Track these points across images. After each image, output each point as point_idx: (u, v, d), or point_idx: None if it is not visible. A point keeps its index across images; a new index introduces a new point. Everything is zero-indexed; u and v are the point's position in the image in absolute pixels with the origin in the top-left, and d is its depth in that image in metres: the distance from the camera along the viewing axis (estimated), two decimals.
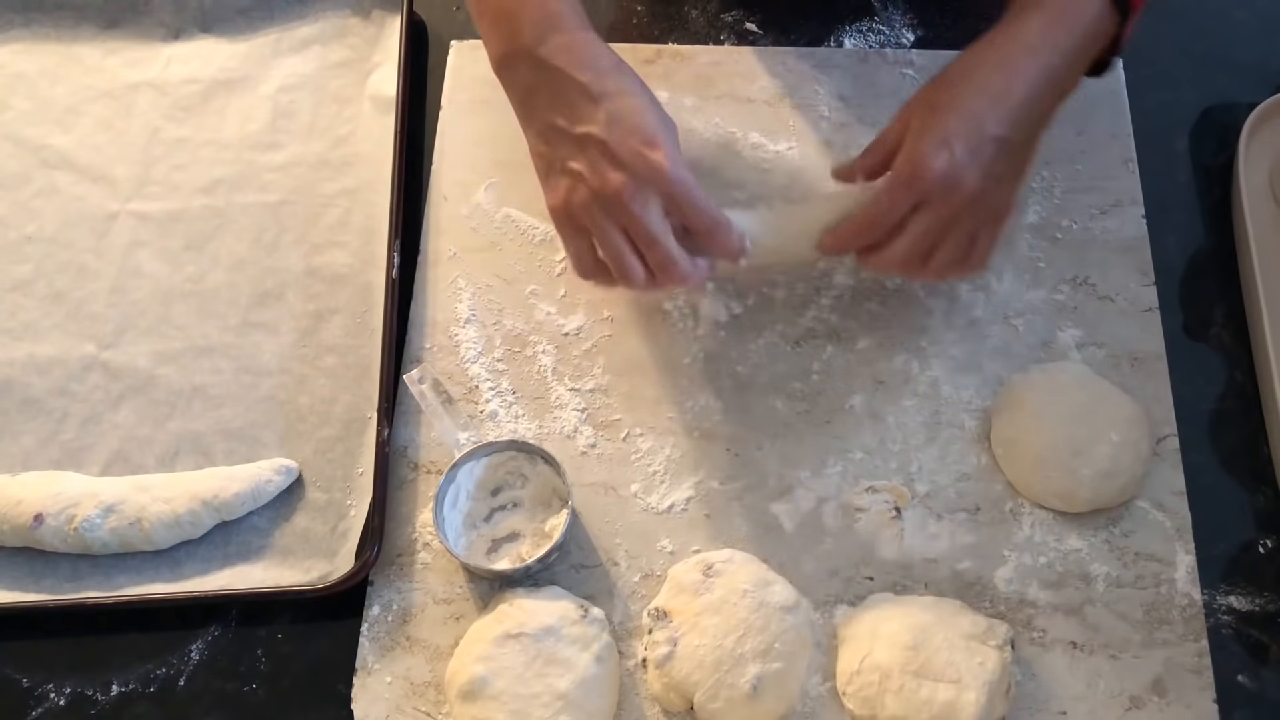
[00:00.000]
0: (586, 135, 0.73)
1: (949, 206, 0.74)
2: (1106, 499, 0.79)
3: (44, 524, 0.78)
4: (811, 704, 0.75)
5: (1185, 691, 0.75)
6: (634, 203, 0.72)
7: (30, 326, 0.88)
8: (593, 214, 0.74)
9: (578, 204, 0.74)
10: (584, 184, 0.73)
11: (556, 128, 0.74)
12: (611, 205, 0.73)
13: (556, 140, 0.75)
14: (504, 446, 0.81)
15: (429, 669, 0.77)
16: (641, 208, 0.72)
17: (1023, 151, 0.77)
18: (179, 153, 0.94)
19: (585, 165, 0.73)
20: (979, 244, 0.78)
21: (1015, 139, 0.75)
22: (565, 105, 0.74)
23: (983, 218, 0.77)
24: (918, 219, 0.75)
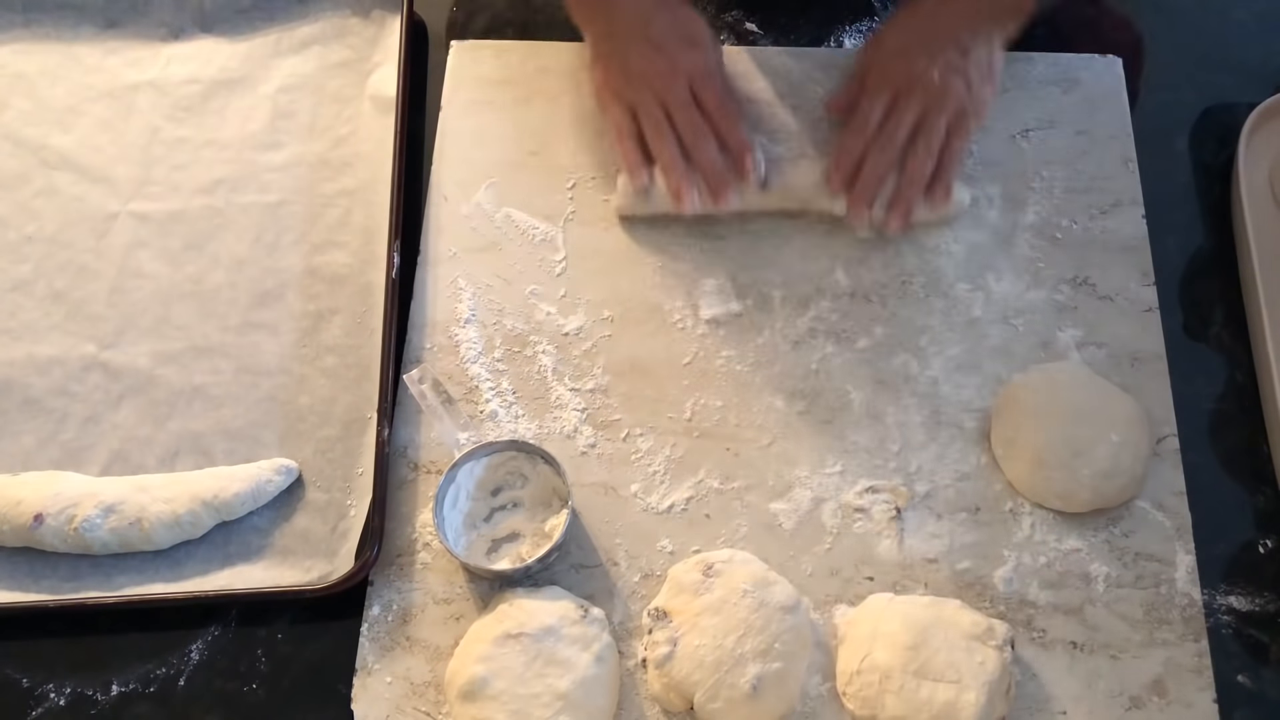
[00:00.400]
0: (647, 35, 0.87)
1: (917, 97, 0.85)
2: (1106, 499, 0.79)
3: (44, 524, 0.78)
4: (811, 704, 0.75)
5: (1185, 691, 0.75)
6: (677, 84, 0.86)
7: (30, 326, 0.88)
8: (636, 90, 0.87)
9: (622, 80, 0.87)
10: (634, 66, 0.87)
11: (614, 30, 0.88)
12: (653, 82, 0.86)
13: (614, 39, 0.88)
14: (504, 446, 0.81)
15: (429, 669, 0.77)
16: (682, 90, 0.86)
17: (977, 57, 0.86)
18: (179, 153, 0.94)
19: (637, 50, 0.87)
20: (952, 143, 0.85)
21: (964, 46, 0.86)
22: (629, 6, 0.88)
23: (951, 111, 0.85)
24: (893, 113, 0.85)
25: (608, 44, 0.89)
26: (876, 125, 0.86)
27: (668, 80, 0.86)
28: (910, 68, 0.85)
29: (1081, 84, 0.95)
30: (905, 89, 0.85)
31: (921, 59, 0.85)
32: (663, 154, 0.86)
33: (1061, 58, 0.96)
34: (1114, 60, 0.96)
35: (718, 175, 0.86)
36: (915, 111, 0.85)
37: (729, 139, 0.86)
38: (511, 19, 1.01)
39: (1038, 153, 0.92)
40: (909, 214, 0.85)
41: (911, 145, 0.85)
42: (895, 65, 0.86)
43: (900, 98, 0.85)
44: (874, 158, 0.85)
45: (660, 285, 0.88)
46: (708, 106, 0.86)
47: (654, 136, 0.86)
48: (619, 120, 0.88)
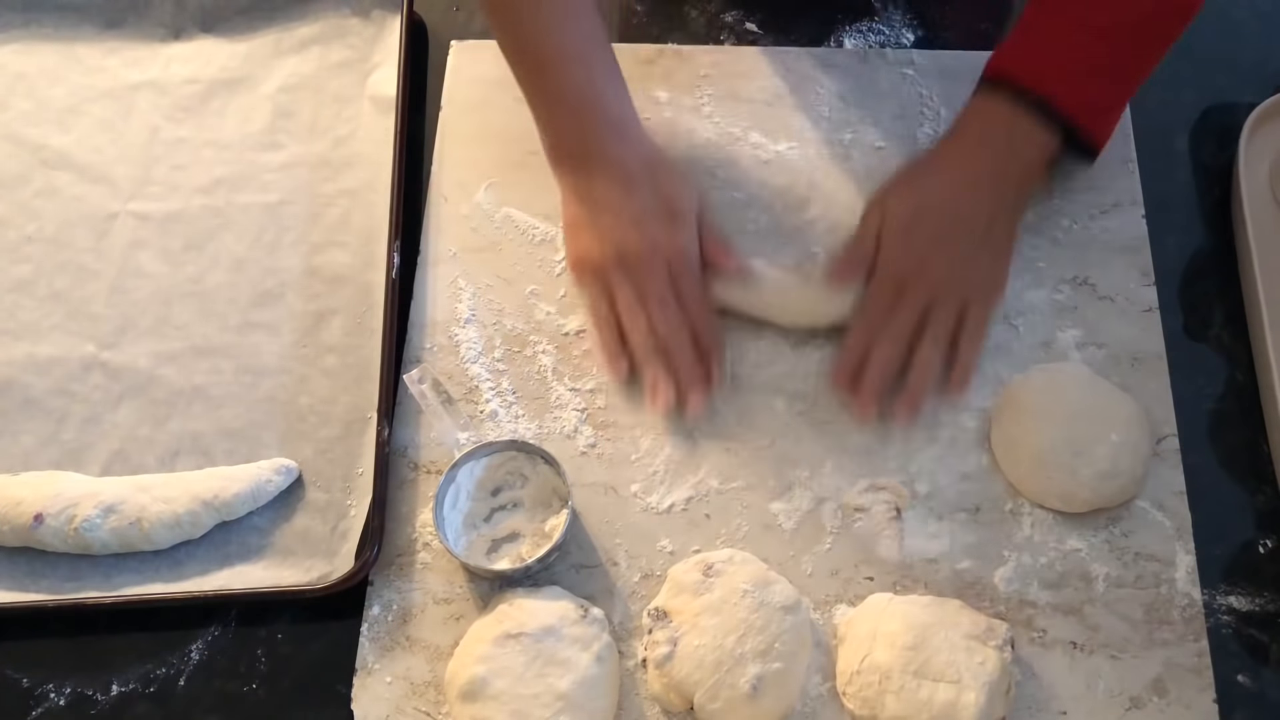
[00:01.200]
0: (626, 208, 0.83)
1: (924, 288, 0.81)
2: (1106, 499, 0.79)
3: (44, 524, 0.78)
4: (811, 704, 0.75)
5: (1185, 691, 0.75)
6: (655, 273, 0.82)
7: (30, 326, 0.88)
8: (612, 271, 0.83)
9: (600, 258, 0.83)
10: (611, 245, 0.83)
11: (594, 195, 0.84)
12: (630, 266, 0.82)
13: (593, 203, 0.84)
14: (504, 446, 0.81)
15: (429, 669, 0.77)
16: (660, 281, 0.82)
17: (990, 232, 0.83)
18: (179, 153, 0.94)
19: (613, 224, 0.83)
20: (968, 321, 0.82)
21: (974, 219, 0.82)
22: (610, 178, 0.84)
23: (967, 294, 0.82)
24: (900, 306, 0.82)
25: (584, 209, 0.85)
26: (881, 317, 0.82)
27: (647, 267, 0.82)
28: (918, 249, 0.82)
29: None
30: (913, 278, 0.81)
31: (929, 239, 0.82)
32: (639, 351, 0.83)
33: None
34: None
35: (691, 380, 0.82)
36: (923, 302, 0.81)
37: (703, 339, 0.83)
38: None
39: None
40: (917, 407, 0.81)
41: (919, 338, 0.81)
42: (901, 247, 0.82)
43: (908, 289, 0.81)
44: (879, 353, 0.81)
45: None
46: (684, 299, 0.82)
47: (631, 331, 0.83)
48: (594, 305, 0.85)
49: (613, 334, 0.84)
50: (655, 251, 0.82)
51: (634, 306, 0.82)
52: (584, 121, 0.85)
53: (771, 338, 0.86)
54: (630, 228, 0.83)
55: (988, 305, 0.84)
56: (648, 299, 0.82)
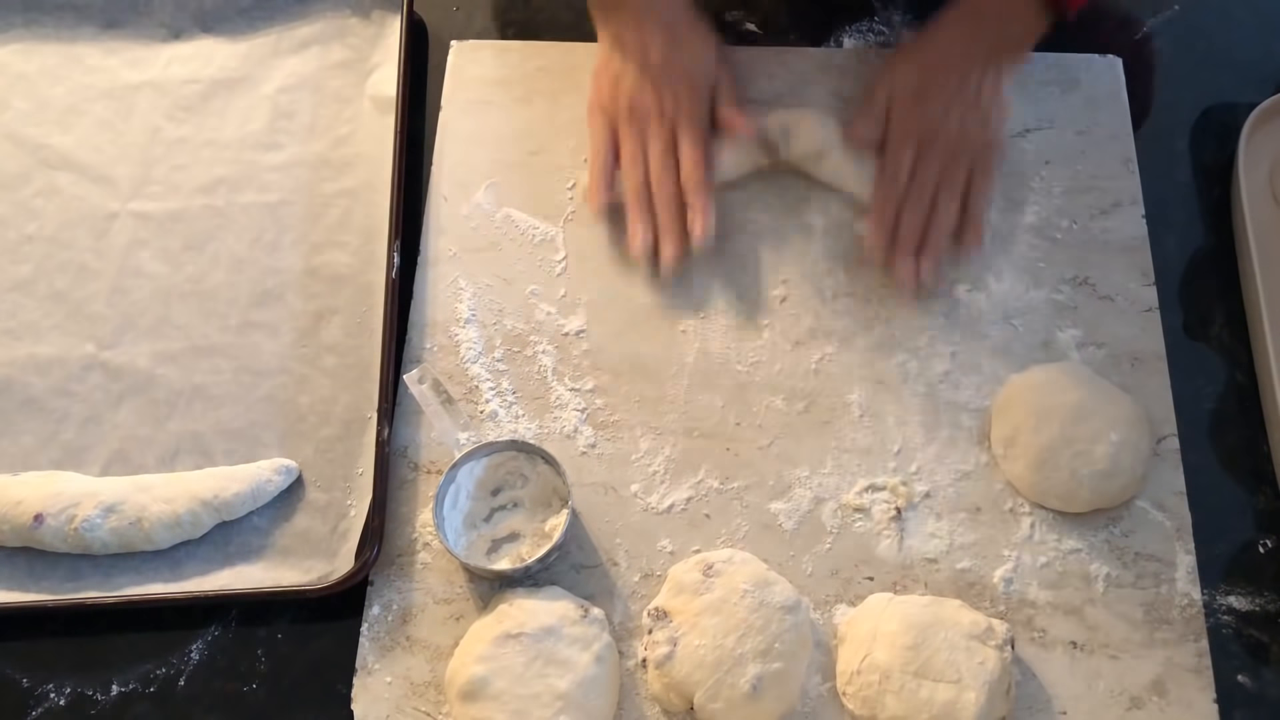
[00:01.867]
0: (647, 62, 0.88)
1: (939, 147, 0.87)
2: (1106, 499, 0.79)
3: (44, 524, 0.78)
4: (811, 704, 0.75)
5: (1185, 691, 0.75)
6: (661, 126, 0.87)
7: (30, 326, 0.88)
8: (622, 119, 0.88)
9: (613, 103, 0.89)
10: (626, 95, 0.88)
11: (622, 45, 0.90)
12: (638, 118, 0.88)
13: (622, 51, 0.89)
14: (504, 446, 0.81)
15: (429, 669, 0.77)
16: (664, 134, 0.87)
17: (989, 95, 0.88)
18: (179, 153, 0.94)
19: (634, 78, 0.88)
20: (977, 177, 0.87)
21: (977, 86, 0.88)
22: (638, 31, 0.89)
23: (972, 155, 0.87)
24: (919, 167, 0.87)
25: (612, 56, 0.90)
26: (902, 179, 0.87)
27: (654, 119, 0.87)
28: (929, 115, 0.87)
29: (1081, 84, 0.95)
30: (927, 139, 0.87)
31: (938, 103, 0.87)
32: (629, 190, 0.88)
33: (1061, 58, 0.96)
34: (1114, 60, 0.96)
35: (671, 228, 0.86)
36: (940, 161, 0.87)
37: (692, 197, 0.86)
38: (511, 19, 1.01)
39: (1038, 153, 0.92)
40: (939, 261, 0.86)
41: (936, 195, 0.86)
42: (913, 113, 0.87)
43: (923, 148, 0.87)
44: (908, 215, 0.86)
45: (660, 285, 0.88)
46: (683, 157, 0.87)
47: (626, 171, 0.88)
48: (598, 143, 0.89)
49: (605, 173, 0.88)
50: (664, 111, 0.87)
51: (635, 156, 0.88)
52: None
53: (771, 337, 0.87)
54: (648, 83, 0.88)
55: (992, 162, 0.88)
56: (650, 153, 0.87)
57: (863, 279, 0.88)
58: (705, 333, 0.87)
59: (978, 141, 0.88)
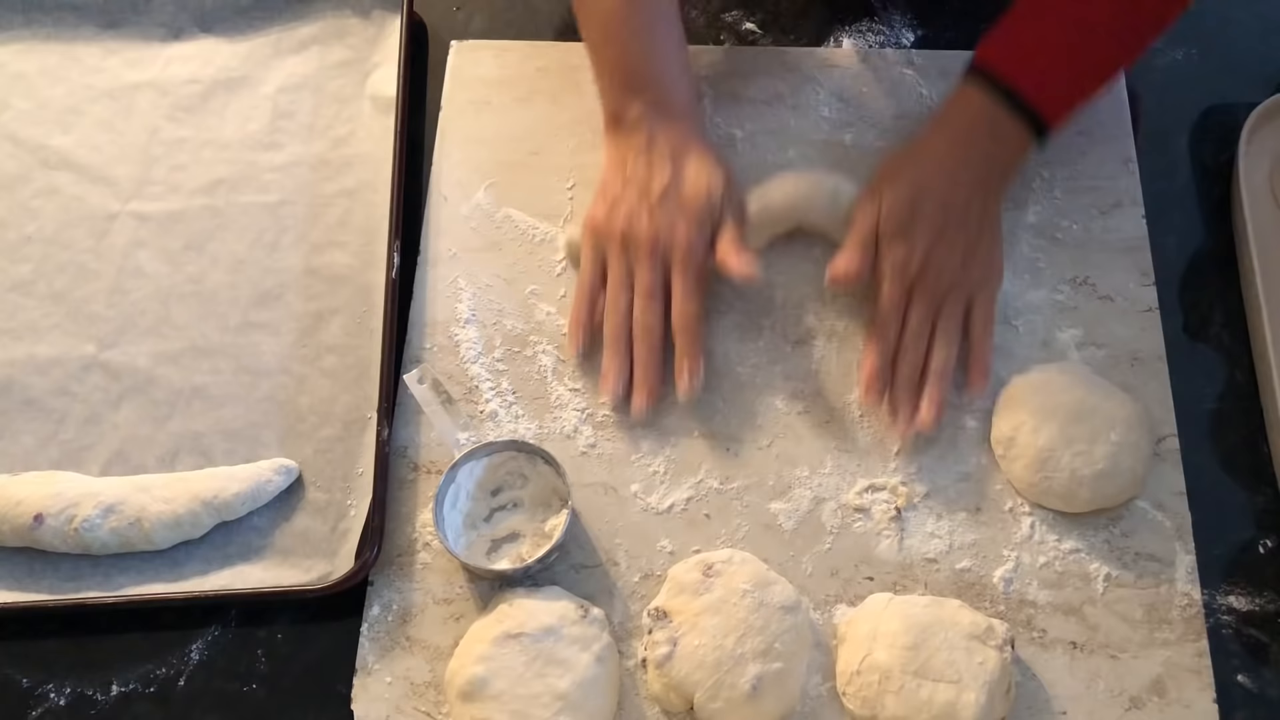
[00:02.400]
0: (649, 183, 0.84)
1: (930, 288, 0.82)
2: (1106, 499, 0.79)
3: (44, 524, 0.78)
4: (811, 704, 0.75)
5: (1185, 691, 0.75)
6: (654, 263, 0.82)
7: (30, 326, 0.88)
8: (613, 245, 0.84)
9: (607, 228, 0.84)
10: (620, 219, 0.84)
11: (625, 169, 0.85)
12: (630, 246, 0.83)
13: (623, 176, 0.85)
14: (504, 446, 0.81)
15: (429, 669, 0.77)
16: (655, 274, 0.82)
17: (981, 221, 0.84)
18: (179, 153, 0.94)
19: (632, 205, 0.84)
20: (976, 313, 0.84)
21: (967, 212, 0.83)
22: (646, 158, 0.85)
23: (970, 286, 0.83)
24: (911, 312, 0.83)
25: (614, 178, 0.86)
26: (895, 326, 0.83)
27: (646, 252, 0.82)
28: (918, 250, 0.82)
29: None
30: (919, 276, 0.82)
31: (928, 237, 0.82)
32: (608, 326, 0.84)
33: None
34: None
35: (646, 376, 0.82)
36: (934, 299, 0.82)
37: (682, 345, 0.82)
38: (511, 19, 1.01)
39: (1038, 153, 0.92)
40: (941, 407, 0.81)
41: (933, 337, 0.82)
42: (902, 249, 0.82)
43: (916, 286, 0.82)
44: (904, 364, 0.82)
45: None
46: (676, 294, 0.82)
47: (609, 310, 0.83)
48: (586, 271, 0.85)
49: (588, 306, 0.85)
50: (658, 239, 0.82)
51: (620, 287, 0.83)
52: (634, 98, 0.86)
53: (771, 337, 0.87)
54: (643, 209, 0.83)
55: (992, 295, 0.85)
56: (636, 286, 0.83)
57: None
58: (705, 333, 0.86)
59: (974, 273, 0.84)
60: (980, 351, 0.83)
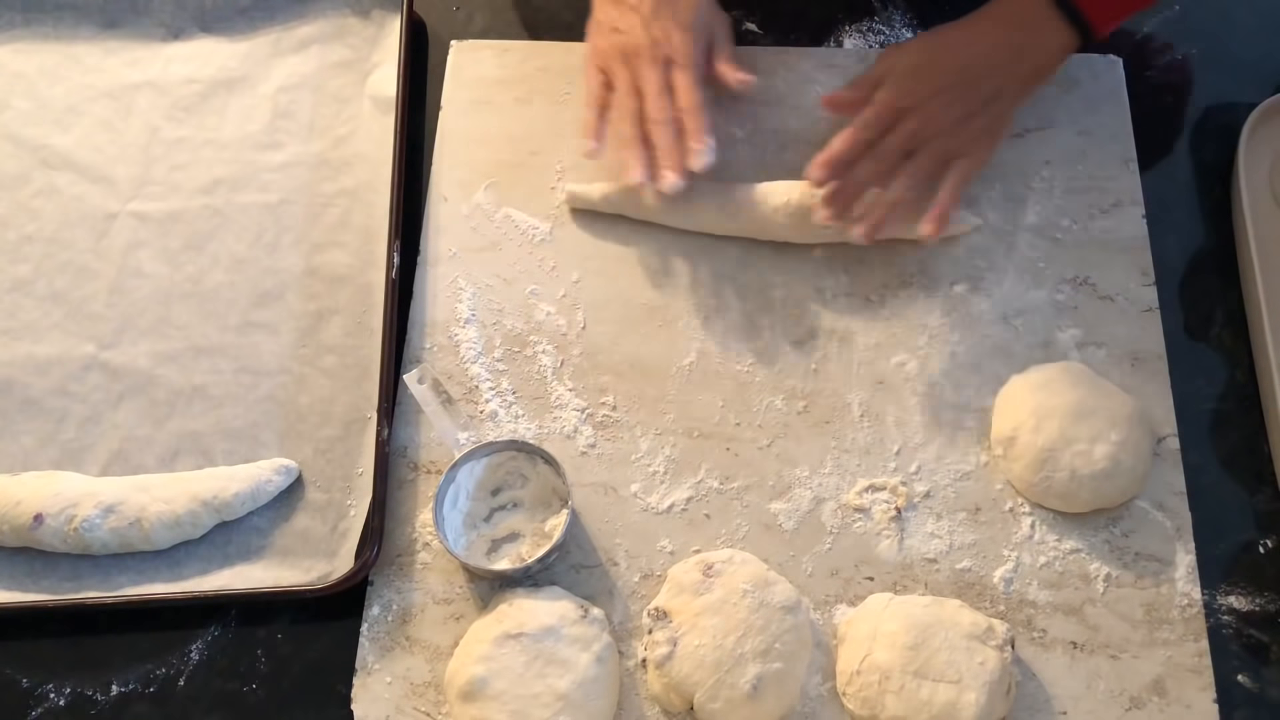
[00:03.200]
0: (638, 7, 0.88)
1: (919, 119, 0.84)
2: (1107, 499, 0.79)
3: (44, 524, 0.78)
4: (811, 704, 0.75)
5: (1185, 691, 0.75)
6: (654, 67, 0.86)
7: (30, 326, 0.88)
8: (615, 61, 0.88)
9: (607, 49, 0.89)
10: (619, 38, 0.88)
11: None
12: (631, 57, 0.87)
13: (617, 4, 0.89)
14: (504, 446, 0.81)
15: (429, 669, 0.77)
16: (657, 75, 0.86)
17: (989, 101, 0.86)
18: (179, 153, 0.94)
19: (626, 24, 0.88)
20: (951, 171, 0.84)
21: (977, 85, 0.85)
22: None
23: (952, 148, 0.85)
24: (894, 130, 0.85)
25: (605, 11, 0.90)
26: (872, 134, 0.85)
27: (647, 58, 0.87)
28: (923, 89, 0.85)
29: (1081, 84, 0.95)
30: (912, 108, 0.85)
31: (935, 84, 0.85)
32: (621, 128, 0.87)
33: None
34: (1114, 60, 0.96)
35: (670, 151, 0.85)
36: (912, 132, 0.84)
37: (690, 121, 0.85)
38: (511, 19, 1.01)
39: (1038, 153, 0.92)
40: (877, 228, 0.84)
41: (901, 165, 0.85)
42: (908, 83, 0.86)
43: (905, 116, 0.85)
44: (862, 166, 0.85)
45: (660, 285, 0.88)
46: (677, 96, 0.86)
47: (618, 112, 0.88)
48: (592, 88, 0.89)
49: (597, 115, 0.88)
50: (656, 45, 0.87)
51: (628, 89, 0.87)
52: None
53: (771, 337, 0.87)
54: (639, 25, 0.87)
55: (974, 162, 0.86)
56: (643, 86, 0.86)
57: (862, 279, 0.88)
58: (705, 333, 0.87)
59: (964, 135, 0.85)
60: (942, 200, 0.84)
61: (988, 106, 0.86)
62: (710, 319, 0.87)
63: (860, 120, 0.85)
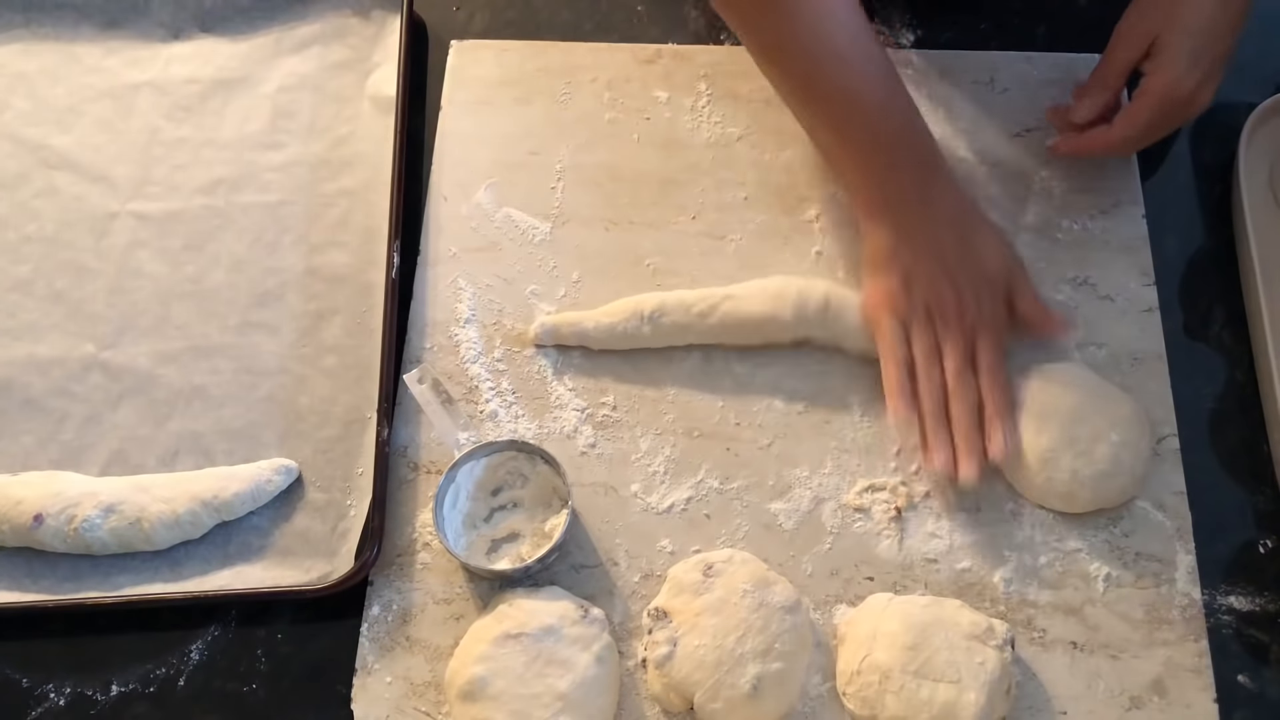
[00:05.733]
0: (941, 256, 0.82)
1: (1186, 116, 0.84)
2: (1107, 499, 0.79)
3: (44, 524, 0.78)
4: (811, 704, 0.75)
5: (1185, 691, 0.75)
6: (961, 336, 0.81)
7: (30, 326, 0.88)
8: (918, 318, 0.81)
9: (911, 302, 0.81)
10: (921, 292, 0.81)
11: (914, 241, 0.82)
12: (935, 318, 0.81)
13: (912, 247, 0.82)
14: (504, 446, 0.81)
15: (429, 669, 0.77)
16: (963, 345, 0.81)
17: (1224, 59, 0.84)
18: (179, 153, 0.94)
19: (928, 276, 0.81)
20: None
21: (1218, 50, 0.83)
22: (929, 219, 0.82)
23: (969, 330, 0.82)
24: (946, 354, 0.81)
25: (898, 253, 0.82)
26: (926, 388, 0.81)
27: (954, 327, 0.81)
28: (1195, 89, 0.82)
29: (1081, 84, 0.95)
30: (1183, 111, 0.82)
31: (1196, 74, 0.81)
32: (925, 401, 0.81)
33: (1061, 58, 0.96)
34: None
35: (970, 446, 0.79)
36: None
37: (993, 414, 0.80)
38: (511, 19, 1.01)
39: (1038, 153, 0.92)
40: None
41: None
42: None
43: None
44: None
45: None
46: (982, 365, 0.81)
47: (922, 379, 0.81)
48: (892, 345, 0.82)
49: (905, 382, 0.81)
50: (964, 313, 0.81)
51: (931, 358, 0.81)
52: (902, 169, 0.83)
53: None
54: (945, 282, 0.81)
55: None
56: (946, 361, 0.81)
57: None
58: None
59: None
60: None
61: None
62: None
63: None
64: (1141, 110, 0.83)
